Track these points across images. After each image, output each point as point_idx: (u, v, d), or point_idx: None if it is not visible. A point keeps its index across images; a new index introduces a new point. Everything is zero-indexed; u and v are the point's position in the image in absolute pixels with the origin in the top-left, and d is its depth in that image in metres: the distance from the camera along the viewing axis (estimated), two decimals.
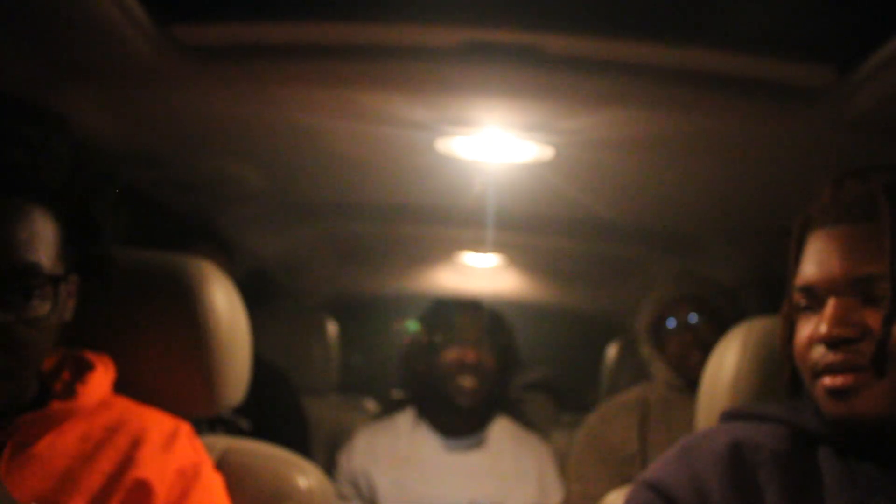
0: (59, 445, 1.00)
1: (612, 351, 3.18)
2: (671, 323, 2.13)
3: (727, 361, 1.33)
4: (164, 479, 1.03)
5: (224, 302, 1.29)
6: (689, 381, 2.07)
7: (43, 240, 0.95)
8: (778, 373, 1.30)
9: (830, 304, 0.92)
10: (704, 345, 2.07)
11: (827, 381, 0.91)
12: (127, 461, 1.02)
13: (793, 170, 1.72)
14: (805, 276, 0.95)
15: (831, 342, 0.91)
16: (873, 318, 0.89)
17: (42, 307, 0.95)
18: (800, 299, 0.96)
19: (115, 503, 0.99)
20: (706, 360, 2.11)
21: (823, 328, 0.91)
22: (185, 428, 1.12)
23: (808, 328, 0.94)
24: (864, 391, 0.89)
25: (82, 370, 1.05)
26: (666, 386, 2.14)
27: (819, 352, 0.92)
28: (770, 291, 2.49)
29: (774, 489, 0.93)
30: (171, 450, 1.07)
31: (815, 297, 0.94)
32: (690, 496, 0.95)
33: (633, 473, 2.03)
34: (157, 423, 1.09)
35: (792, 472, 0.95)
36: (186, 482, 1.06)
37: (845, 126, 1.40)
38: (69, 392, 1.02)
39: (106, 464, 1.01)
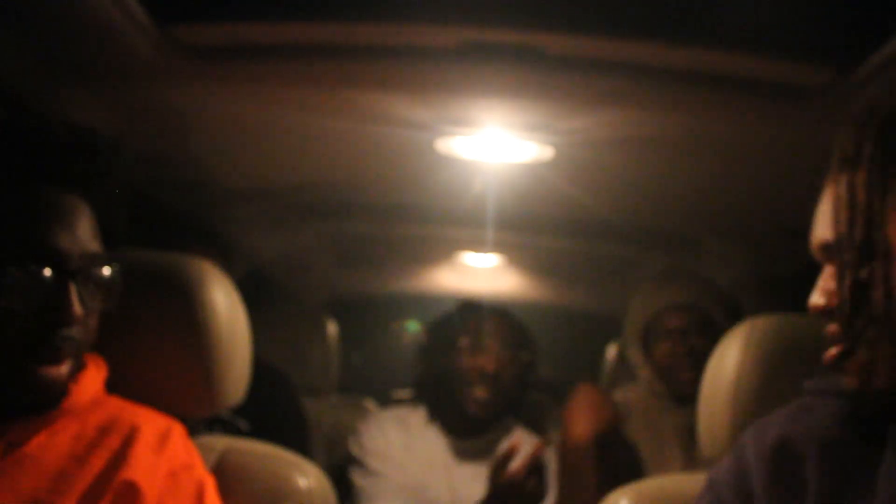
0: (52, 445, 1.00)
1: (612, 351, 3.19)
2: (661, 329, 2.08)
3: (729, 360, 1.34)
4: (154, 481, 1.03)
5: (224, 302, 1.29)
6: (675, 392, 2.05)
7: (97, 233, 1.02)
8: (780, 371, 1.30)
9: (824, 271, 0.87)
10: (695, 357, 2.02)
11: (828, 353, 0.87)
12: (118, 461, 1.02)
13: (792, 170, 1.72)
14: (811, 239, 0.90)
15: (817, 313, 0.87)
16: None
17: (99, 294, 1.01)
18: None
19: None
20: (695, 372, 2.09)
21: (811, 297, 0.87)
22: (178, 428, 1.12)
23: None
24: (867, 364, 0.82)
25: (74, 369, 1.06)
26: (648, 391, 2.12)
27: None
28: (770, 291, 2.49)
29: (818, 482, 0.89)
30: (163, 451, 1.07)
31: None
32: (735, 495, 0.93)
33: None
34: (149, 423, 1.09)
35: (842, 462, 0.89)
36: (177, 484, 1.06)
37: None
38: (62, 392, 1.02)
39: (97, 463, 1.01)
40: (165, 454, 1.07)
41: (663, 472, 1.98)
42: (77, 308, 0.96)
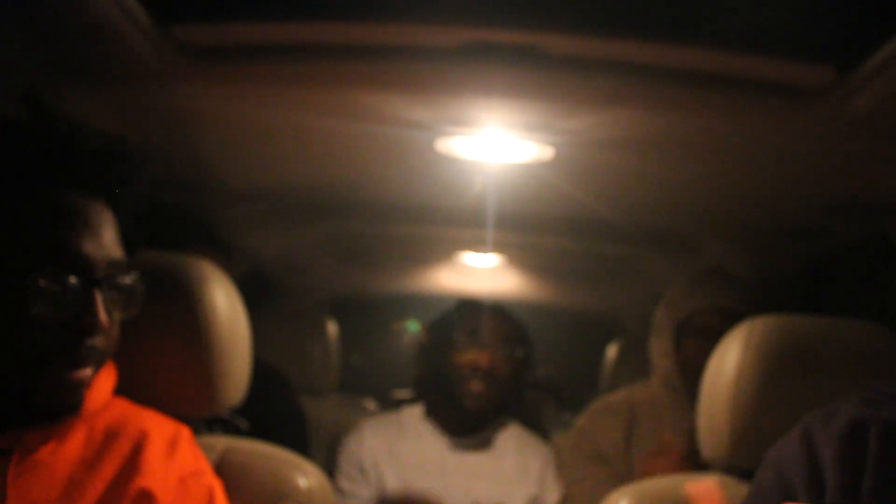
0: (62, 451, 0.99)
1: (612, 351, 3.19)
2: (696, 326, 2.06)
3: (729, 360, 1.34)
4: (167, 488, 1.03)
5: (224, 302, 1.29)
6: (694, 389, 2.04)
7: (120, 241, 1.01)
8: (780, 371, 1.30)
9: None
10: None
11: None
12: (130, 467, 1.01)
13: (793, 170, 1.72)
14: None
15: None
16: None
17: (121, 302, 1.00)
18: None
19: None
20: None
21: None
22: (186, 432, 1.11)
23: None
24: None
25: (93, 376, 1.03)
26: (664, 384, 2.11)
27: None
28: (770, 291, 2.49)
29: (877, 457, 0.91)
30: (174, 456, 1.06)
31: None
32: (806, 473, 0.94)
33: (623, 472, 2.04)
34: (158, 428, 1.08)
35: None
36: (187, 490, 1.05)
37: (845, 126, 1.40)
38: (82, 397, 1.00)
39: (109, 469, 1.00)
40: (176, 461, 1.06)
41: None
42: (103, 317, 0.94)
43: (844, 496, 0.91)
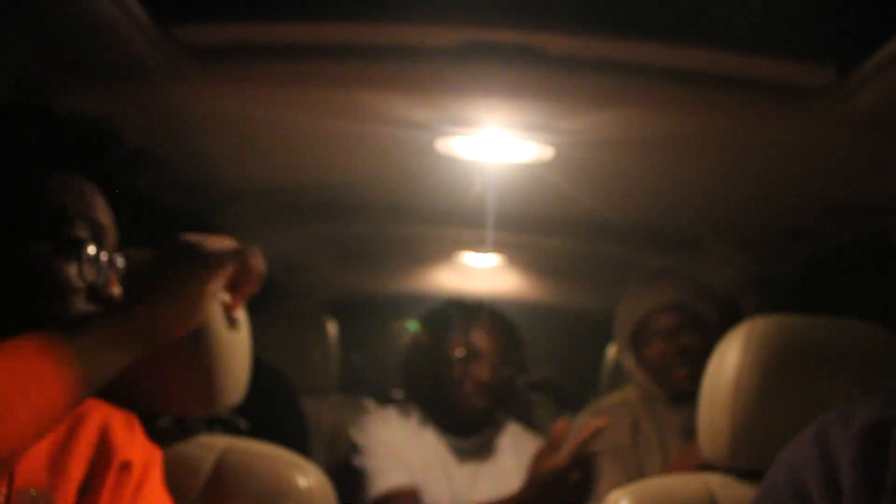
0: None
1: (612, 351, 3.19)
2: (650, 331, 2.08)
3: (729, 360, 1.34)
4: (139, 462, 1.04)
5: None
6: (671, 392, 2.04)
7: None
8: (780, 371, 1.30)
9: None
10: (687, 355, 2.02)
11: None
12: (104, 449, 1.02)
13: (792, 170, 1.72)
14: None
15: None
16: None
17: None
18: None
19: (107, 486, 0.99)
20: (688, 369, 2.07)
21: None
22: (136, 419, 1.12)
23: None
24: None
25: None
26: (644, 395, 2.11)
27: None
28: (770, 291, 2.49)
29: None
30: (134, 439, 1.07)
31: None
32: (821, 475, 0.91)
33: (631, 471, 2.04)
34: (113, 414, 1.08)
35: None
36: (144, 473, 1.05)
37: (845, 126, 1.40)
38: None
39: (86, 449, 1.00)
40: (136, 442, 1.06)
41: (663, 474, 1.98)
42: (118, 288, 0.97)
43: (863, 498, 0.88)
